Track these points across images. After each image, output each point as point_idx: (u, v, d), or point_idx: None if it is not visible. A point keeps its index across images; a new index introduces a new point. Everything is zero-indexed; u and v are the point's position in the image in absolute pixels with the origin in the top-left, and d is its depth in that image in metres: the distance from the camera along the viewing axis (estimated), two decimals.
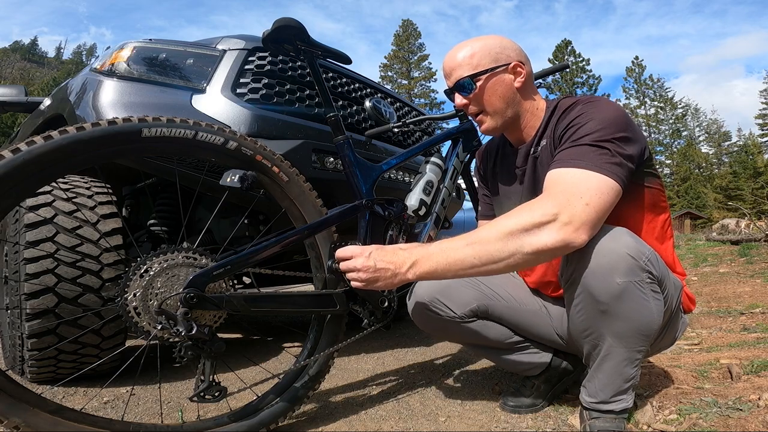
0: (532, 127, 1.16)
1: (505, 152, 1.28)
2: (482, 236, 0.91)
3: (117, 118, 1.00)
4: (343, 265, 1.02)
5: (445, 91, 1.23)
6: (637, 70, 49.37)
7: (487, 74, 1.11)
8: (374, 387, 1.54)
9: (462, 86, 1.13)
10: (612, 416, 1.02)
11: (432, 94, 47.41)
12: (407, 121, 1.77)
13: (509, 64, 1.12)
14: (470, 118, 1.24)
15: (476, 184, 1.46)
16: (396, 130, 1.91)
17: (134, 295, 0.96)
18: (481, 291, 1.25)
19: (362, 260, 0.97)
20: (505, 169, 1.27)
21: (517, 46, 1.15)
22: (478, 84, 1.12)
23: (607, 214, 0.93)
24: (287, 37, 1.26)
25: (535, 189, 1.14)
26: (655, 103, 49.05)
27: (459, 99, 1.16)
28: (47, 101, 1.93)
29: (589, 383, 1.06)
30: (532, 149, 1.15)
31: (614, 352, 0.99)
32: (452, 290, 1.24)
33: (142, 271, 0.97)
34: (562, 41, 45.75)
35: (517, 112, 1.15)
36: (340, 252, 1.02)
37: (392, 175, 1.92)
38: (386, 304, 1.25)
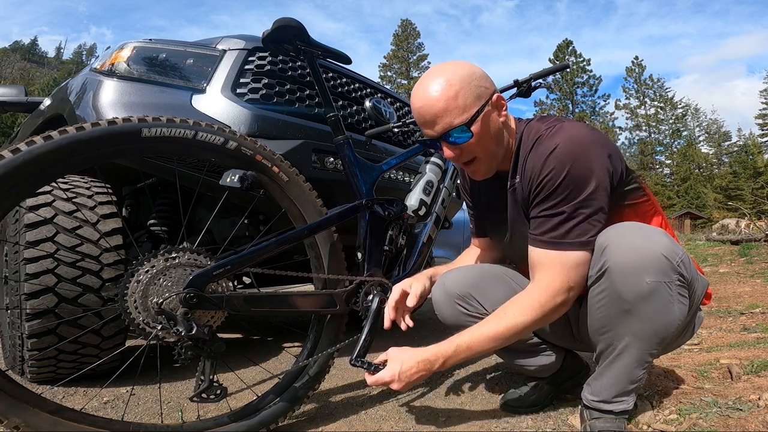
0: (509, 159, 1.11)
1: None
2: (501, 334, 1.01)
3: (117, 118, 1.00)
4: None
5: (422, 141, 1.09)
6: (637, 70, 49.34)
7: (480, 116, 1.00)
8: (374, 387, 1.53)
9: (455, 136, 1.01)
10: (611, 416, 1.02)
11: None
12: (407, 121, 1.77)
13: (491, 98, 1.02)
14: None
15: (463, 199, 1.40)
16: (396, 130, 1.91)
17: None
18: (513, 289, 1.19)
19: (396, 385, 1.02)
20: (489, 193, 1.24)
21: (484, 72, 1.04)
22: (474, 130, 1.00)
23: (586, 271, 1.00)
24: (287, 36, 1.26)
25: (517, 223, 1.13)
26: (655, 103, 48.98)
27: (449, 151, 1.05)
28: (47, 101, 1.93)
29: (594, 381, 1.05)
30: (509, 182, 1.11)
31: (628, 353, 0.98)
32: (485, 286, 1.20)
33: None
34: (563, 41, 45.85)
35: (505, 148, 1.09)
36: (373, 383, 1.06)
37: (392, 175, 1.92)
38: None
